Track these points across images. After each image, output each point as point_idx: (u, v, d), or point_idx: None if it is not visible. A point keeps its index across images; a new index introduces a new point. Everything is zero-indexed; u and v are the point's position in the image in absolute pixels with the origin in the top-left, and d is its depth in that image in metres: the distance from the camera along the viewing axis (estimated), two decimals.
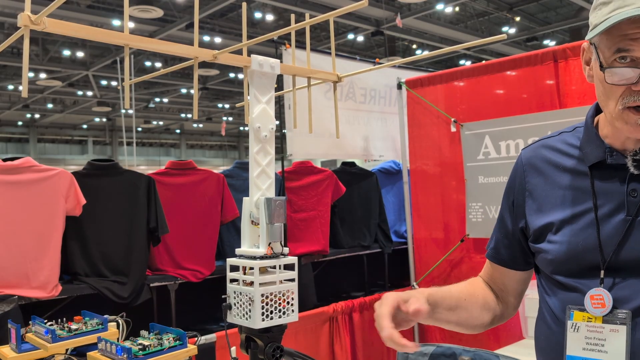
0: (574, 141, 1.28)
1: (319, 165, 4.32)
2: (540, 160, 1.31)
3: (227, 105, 23.30)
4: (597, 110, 1.28)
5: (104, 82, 18.34)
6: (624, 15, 1.05)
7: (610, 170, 1.19)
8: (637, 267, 1.13)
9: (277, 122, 2.30)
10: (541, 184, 1.29)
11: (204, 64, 1.64)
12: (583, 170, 1.23)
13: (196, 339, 1.65)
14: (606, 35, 1.10)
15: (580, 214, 1.20)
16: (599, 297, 1.14)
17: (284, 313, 1.44)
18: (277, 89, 1.59)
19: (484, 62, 4.06)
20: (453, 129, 3.95)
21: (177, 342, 1.50)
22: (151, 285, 3.27)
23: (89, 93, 19.59)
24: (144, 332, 1.56)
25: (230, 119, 26.20)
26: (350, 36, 14.61)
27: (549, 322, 1.25)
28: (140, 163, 26.01)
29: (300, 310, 1.49)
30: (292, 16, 1.73)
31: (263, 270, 1.43)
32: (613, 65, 1.10)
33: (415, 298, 1.22)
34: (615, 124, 1.15)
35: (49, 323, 1.64)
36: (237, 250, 1.49)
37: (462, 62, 16.99)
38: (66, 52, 15.40)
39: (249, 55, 1.52)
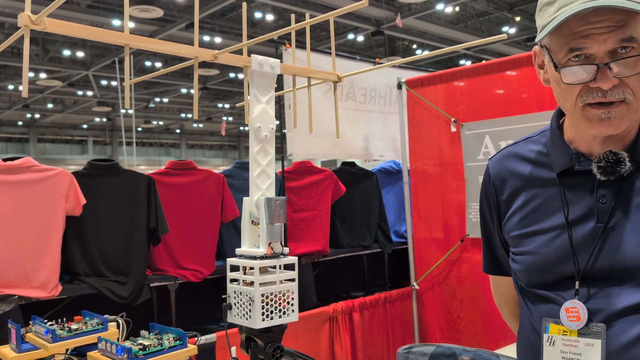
0: (540, 147, 1.26)
1: (319, 165, 4.32)
2: (508, 171, 1.29)
3: (227, 105, 23.30)
4: (562, 112, 1.25)
5: (104, 82, 18.34)
6: (570, 12, 1.03)
7: (578, 176, 1.17)
8: (611, 276, 1.11)
9: (277, 122, 2.30)
10: (511, 197, 1.27)
11: (204, 64, 1.64)
12: (551, 177, 1.20)
13: (196, 338, 1.65)
14: (556, 35, 1.08)
15: (551, 223, 1.19)
16: (574, 310, 1.12)
17: (284, 313, 1.44)
18: (277, 89, 1.59)
19: (484, 62, 4.06)
20: (453, 129, 3.95)
21: (177, 342, 1.50)
22: (151, 285, 3.27)
23: (89, 93, 19.59)
24: (144, 332, 1.56)
25: (230, 119, 26.20)
26: (351, 36, 14.61)
27: (528, 332, 1.23)
28: (140, 163, 26.01)
29: (300, 310, 1.49)
30: (292, 16, 1.73)
31: (263, 270, 1.43)
32: (568, 64, 1.07)
33: None
34: (579, 124, 1.13)
35: (49, 323, 1.64)
36: (237, 250, 1.49)
37: (462, 62, 16.99)
38: (66, 52, 15.40)
39: (249, 55, 1.52)
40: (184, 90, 19.78)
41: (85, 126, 27.17)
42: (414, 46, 15.93)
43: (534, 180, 1.24)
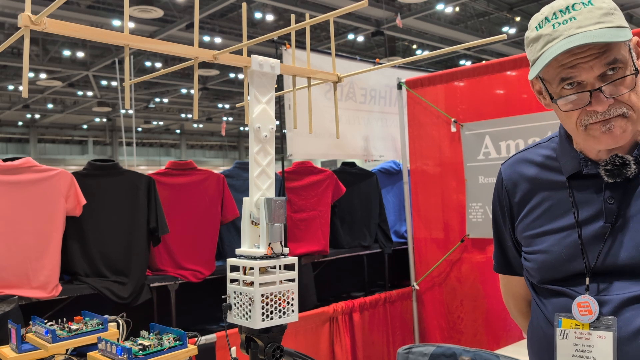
0: (550, 152, 1.33)
1: (319, 166, 4.32)
2: (520, 176, 1.37)
3: (227, 105, 23.29)
4: None
5: (104, 82, 18.34)
6: (557, 51, 1.11)
7: (587, 179, 1.24)
8: (619, 271, 1.18)
9: (277, 122, 2.30)
10: (523, 200, 1.34)
11: (204, 64, 1.64)
12: (561, 181, 1.28)
13: (196, 339, 1.65)
14: (546, 69, 1.16)
15: (562, 224, 1.25)
16: (585, 305, 1.18)
17: (284, 313, 1.44)
18: (277, 89, 1.59)
19: (484, 62, 4.06)
20: (453, 129, 3.95)
21: (177, 342, 1.50)
22: (151, 285, 3.27)
23: (89, 93, 19.59)
24: (144, 332, 1.56)
25: (230, 119, 26.19)
26: (351, 36, 14.61)
27: (542, 325, 1.29)
28: (141, 163, 26.01)
29: (300, 311, 1.49)
30: (292, 16, 1.73)
31: (263, 271, 1.43)
32: (562, 94, 1.16)
33: None
34: (587, 143, 1.20)
35: (49, 323, 1.64)
36: (237, 251, 1.49)
37: (462, 62, 16.99)
38: (66, 52, 15.40)
39: (249, 55, 1.52)
40: (184, 91, 19.78)
41: (85, 126, 27.17)
42: (414, 46, 15.92)
43: (545, 184, 1.31)
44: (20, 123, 25.86)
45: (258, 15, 12.74)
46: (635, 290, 1.15)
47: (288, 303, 1.45)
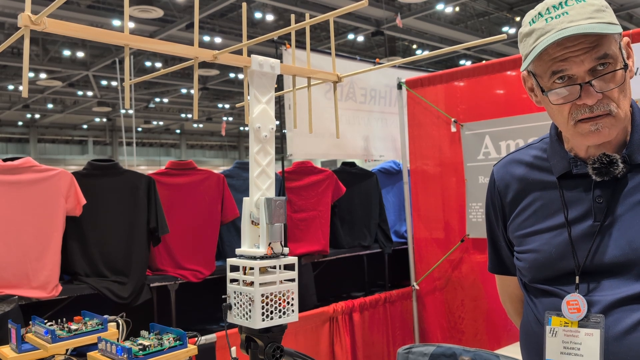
0: (541, 153, 1.35)
1: (319, 165, 4.32)
2: (511, 176, 1.38)
3: (227, 105, 23.29)
4: None
5: (104, 82, 18.34)
6: (548, 42, 1.13)
7: (577, 179, 1.25)
8: (608, 270, 1.19)
9: (277, 122, 2.30)
10: (515, 200, 1.36)
11: (204, 64, 1.64)
12: (552, 181, 1.29)
13: (196, 339, 1.65)
14: (538, 62, 1.18)
15: (552, 223, 1.27)
16: (574, 303, 1.20)
17: (284, 313, 1.44)
18: (277, 89, 1.59)
19: (484, 62, 4.06)
20: (453, 129, 3.95)
21: (177, 342, 1.50)
22: (151, 285, 3.27)
23: (89, 93, 19.59)
24: (144, 332, 1.56)
25: (230, 119, 26.19)
26: (351, 36, 14.61)
27: (532, 323, 1.31)
28: (141, 163, 26.01)
29: (300, 311, 1.48)
30: (292, 16, 1.73)
31: (263, 271, 1.43)
32: (553, 87, 1.18)
33: None
34: (574, 139, 1.22)
35: (49, 323, 1.64)
36: (237, 251, 1.49)
37: (462, 62, 16.99)
38: (66, 52, 15.41)
39: (249, 55, 1.52)
40: (184, 91, 19.78)
41: (85, 126, 27.16)
42: (414, 46, 15.92)
43: (536, 184, 1.32)
44: (20, 123, 25.85)
45: (258, 15, 12.75)
46: (623, 291, 1.16)
47: (288, 303, 1.45)
